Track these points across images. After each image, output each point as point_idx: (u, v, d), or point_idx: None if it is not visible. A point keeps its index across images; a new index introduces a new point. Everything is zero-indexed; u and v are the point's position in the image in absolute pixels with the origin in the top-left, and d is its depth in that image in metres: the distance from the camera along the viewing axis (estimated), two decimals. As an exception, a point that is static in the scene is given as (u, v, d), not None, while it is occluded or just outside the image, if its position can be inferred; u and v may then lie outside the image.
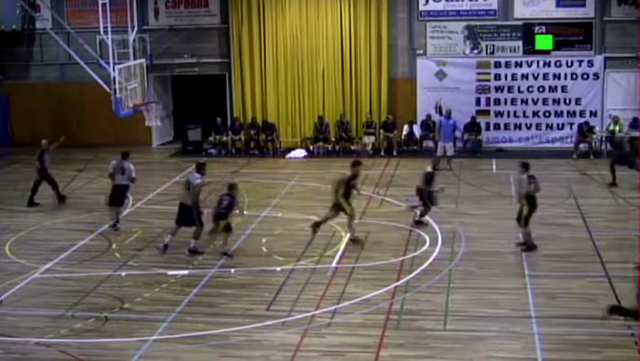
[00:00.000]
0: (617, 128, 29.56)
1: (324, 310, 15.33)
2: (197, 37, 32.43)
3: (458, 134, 30.18)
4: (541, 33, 30.58)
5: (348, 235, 19.49)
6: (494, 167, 28.19)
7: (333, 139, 31.24)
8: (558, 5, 30.39)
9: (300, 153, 30.93)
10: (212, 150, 31.53)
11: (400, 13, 31.15)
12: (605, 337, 13.85)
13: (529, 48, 30.72)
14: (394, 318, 14.89)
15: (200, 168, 19.24)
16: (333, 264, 17.99)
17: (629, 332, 14.04)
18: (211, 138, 31.71)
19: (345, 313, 15.21)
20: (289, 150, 31.27)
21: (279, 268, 17.66)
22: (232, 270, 17.60)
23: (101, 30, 24.98)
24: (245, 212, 20.48)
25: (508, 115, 31.25)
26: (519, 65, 30.86)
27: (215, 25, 32.43)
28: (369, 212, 22.36)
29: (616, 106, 30.44)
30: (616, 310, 13.09)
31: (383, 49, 31.29)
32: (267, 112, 32.05)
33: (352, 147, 31.28)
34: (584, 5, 30.27)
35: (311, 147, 31.26)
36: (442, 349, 13.58)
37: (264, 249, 19.17)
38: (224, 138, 31.66)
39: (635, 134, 29.23)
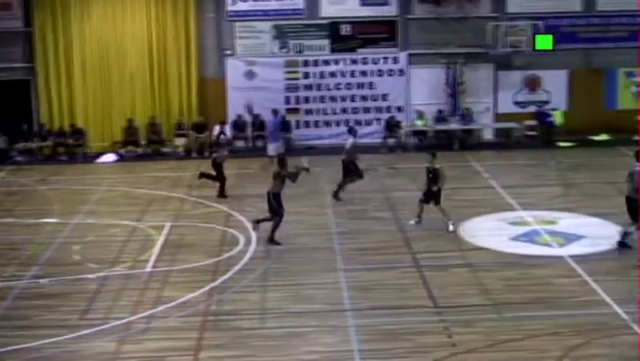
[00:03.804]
0: (421, 122, 30.62)
1: (141, 315, 15.14)
2: (0, 41, 31.21)
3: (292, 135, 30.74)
4: (347, 34, 31.23)
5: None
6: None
7: (143, 142, 30.83)
8: (362, 4, 31.12)
9: (110, 157, 30.30)
10: (20, 158, 30.47)
11: (208, 13, 31.09)
12: (417, 325, 14.31)
13: (337, 46, 31.32)
14: (212, 319, 14.88)
15: None
16: (148, 268, 17.79)
17: (437, 318, 14.59)
18: (19, 145, 30.63)
19: (162, 317, 15.06)
20: (99, 154, 30.60)
21: (92, 276, 17.30)
22: (41, 280, 17.09)
23: None
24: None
25: (318, 113, 31.78)
26: (327, 63, 31.42)
27: (18, 28, 31.28)
28: (182, 214, 22.23)
29: (421, 101, 31.45)
30: None
31: (192, 49, 31.11)
32: (75, 117, 31.23)
33: (164, 150, 30.99)
34: (387, 4, 31.12)
35: (121, 152, 30.71)
36: (261, 347, 13.66)
37: (77, 257, 18.71)
38: (33, 145, 30.67)
39: (441, 127, 30.40)
